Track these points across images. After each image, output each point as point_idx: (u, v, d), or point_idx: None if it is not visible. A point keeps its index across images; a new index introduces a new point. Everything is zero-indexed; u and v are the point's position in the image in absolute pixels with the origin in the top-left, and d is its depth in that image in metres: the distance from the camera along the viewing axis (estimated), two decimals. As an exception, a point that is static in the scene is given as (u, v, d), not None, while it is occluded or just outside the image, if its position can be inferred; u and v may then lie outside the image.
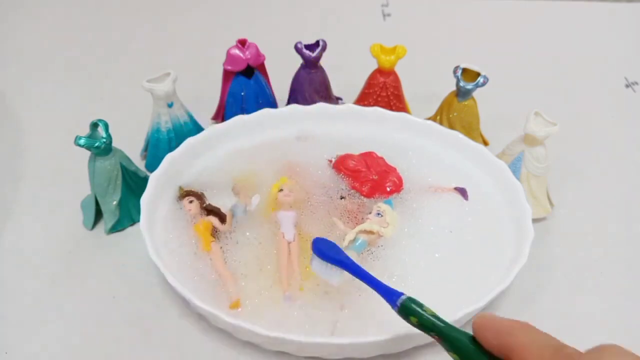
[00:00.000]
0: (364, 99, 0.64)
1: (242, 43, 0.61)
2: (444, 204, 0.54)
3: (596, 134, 0.69)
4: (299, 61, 0.62)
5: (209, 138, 0.57)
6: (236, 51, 0.60)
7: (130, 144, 0.57)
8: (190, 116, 0.60)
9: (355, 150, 0.58)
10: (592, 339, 0.29)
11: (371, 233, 0.49)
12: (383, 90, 0.63)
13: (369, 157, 0.57)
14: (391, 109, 0.62)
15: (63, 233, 0.54)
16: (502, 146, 0.57)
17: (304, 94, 0.63)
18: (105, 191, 0.52)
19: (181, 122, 0.59)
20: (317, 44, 0.61)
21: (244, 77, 0.62)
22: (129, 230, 0.55)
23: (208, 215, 0.51)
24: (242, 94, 0.62)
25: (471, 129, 0.61)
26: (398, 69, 0.62)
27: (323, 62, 0.63)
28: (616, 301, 0.50)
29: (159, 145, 0.58)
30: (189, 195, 0.53)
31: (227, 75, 0.62)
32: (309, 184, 0.54)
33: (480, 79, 0.58)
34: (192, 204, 0.52)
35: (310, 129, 0.61)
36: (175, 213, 0.52)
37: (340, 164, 0.56)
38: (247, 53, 0.60)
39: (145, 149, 0.61)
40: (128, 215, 0.54)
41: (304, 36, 0.63)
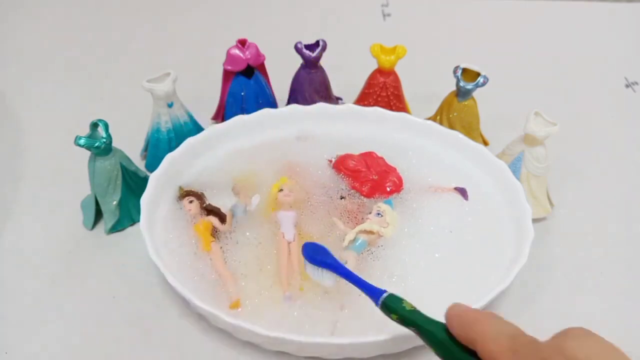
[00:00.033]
0: (364, 99, 0.64)
1: (242, 43, 0.61)
2: (444, 204, 0.54)
3: (596, 134, 0.69)
4: (299, 61, 0.62)
5: (209, 138, 0.57)
6: (236, 51, 0.60)
7: (130, 144, 0.57)
8: (190, 116, 0.60)
9: (355, 150, 0.58)
10: (592, 339, 0.29)
11: (371, 233, 0.49)
12: (383, 90, 0.63)
13: (369, 157, 0.57)
14: (391, 109, 0.62)
15: (63, 233, 0.54)
16: (502, 146, 0.57)
17: (304, 94, 0.63)
18: (105, 191, 0.52)
19: (181, 122, 0.59)
20: (317, 44, 0.61)
21: (244, 77, 0.62)
22: (129, 230, 0.55)
23: (208, 215, 0.51)
24: (242, 94, 0.62)
25: (471, 129, 0.61)
26: (398, 69, 0.62)
27: (323, 62, 0.63)
28: (616, 301, 0.50)
29: (159, 145, 0.58)
30: (189, 195, 0.53)
31: (227, 75, 0.62)
32: (309, 184, 0.54)
33: (480, 79, 0.58)
34: (192, 204, 0.52)
35: (310, 129, 0.61)
36: (175, 213, 0.52)
37: (340, 164, 0.56)
38: (247, 53, 0.60)
39: (145, 149, 0.61)
40: (128, 215, 0.54)
41: (304, 36, 0.63)
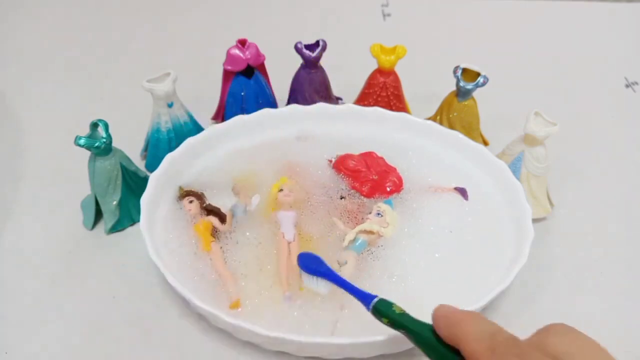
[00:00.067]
0: (364, 99, 0.64)
1: (242, 43, 0.61)
2: (444, 204, 0.54)
3: (596, 134, 0.69)
4: (299, 61, 0.62)
5: (209, 138, 0.57)
6: (236, 51, 0.60)
7: (130, 144, 0.57)
8: (190, 116, 0.60)
9: (355, 150, 0.58)
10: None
11: (371, 233, 0.49)
12: (383, 90, 0.63)
13: (369, 157, 0.57)
14: (391, 109, 0.62)
15: (63, 233, 0.54)
16: (502, 146, 0.57)
17: (304, 94, 0.63)
18: (105, 191, 0.52)
19: (181, 122, 0.59)
20: (317, 44, 0.61)
21: (244, 77, 0.62)
22: (129, 230, 0.55)
23: (208, 215, 0.51)
24: (242, 94, 0.62)
25: (471, 129, 0.61)
26: (398, 69, 0.62)
27: (323, 62, 0.63)
28: (616, 301, 0.50)
29: (159, 145, 0.58)
30: (189, 195, 0.53)
31: (227, 75, 0.62)
32: (309, 184, 0.54)
33: (480, 79, 0.58)
34: (192, 204, 0.52)
35: (310, 129, 0.61)
36: (175, 213, 0.52)
37: (340, 164, 0.56)
38: (247, 53, 0.60)
39: (145, 149, 0.61)
40: (128, 215, 0.54)
41: (304, 36, 0.63)
